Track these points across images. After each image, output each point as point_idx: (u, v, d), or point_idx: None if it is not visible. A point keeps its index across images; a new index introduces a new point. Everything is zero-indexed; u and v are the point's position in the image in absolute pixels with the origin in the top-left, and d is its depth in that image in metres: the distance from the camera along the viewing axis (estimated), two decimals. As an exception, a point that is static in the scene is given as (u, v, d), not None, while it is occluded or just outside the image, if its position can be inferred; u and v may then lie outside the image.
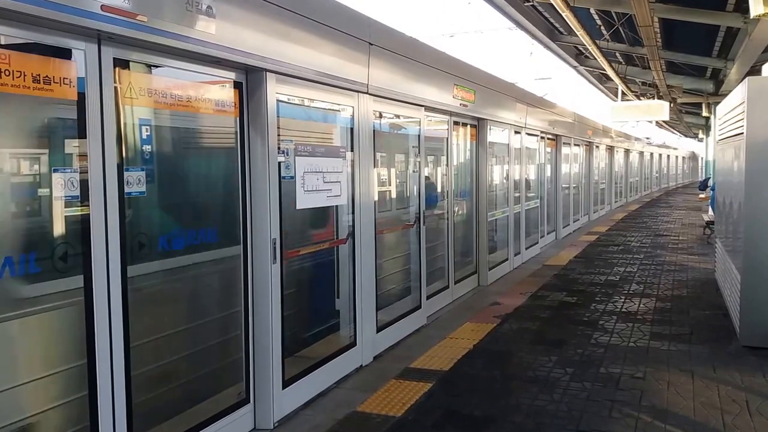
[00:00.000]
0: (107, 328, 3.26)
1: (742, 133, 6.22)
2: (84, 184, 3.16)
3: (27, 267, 2.98)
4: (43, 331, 3.36)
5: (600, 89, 25.30)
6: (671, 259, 11.36)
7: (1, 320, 3.11)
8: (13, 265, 2.91)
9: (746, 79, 6.28)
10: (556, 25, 16.05)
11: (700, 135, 35.79)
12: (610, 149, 23.40)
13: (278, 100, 4.47)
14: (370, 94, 5.72)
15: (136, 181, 3.46)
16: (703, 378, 5.23)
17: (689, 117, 30.78)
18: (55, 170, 3.13)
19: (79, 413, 3.29)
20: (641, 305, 7.78)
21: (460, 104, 8.01)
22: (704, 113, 22.01)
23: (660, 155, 41.91)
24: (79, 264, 3.17)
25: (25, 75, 2.88)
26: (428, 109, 7.16)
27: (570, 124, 15.92)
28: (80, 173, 3.16)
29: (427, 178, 7.53)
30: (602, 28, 14.89)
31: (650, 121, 27.16)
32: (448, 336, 6.49)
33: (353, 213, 5.56)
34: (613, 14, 13.59)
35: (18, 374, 3.17)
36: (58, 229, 3.19)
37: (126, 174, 3.38)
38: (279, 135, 4.49)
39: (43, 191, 3.19)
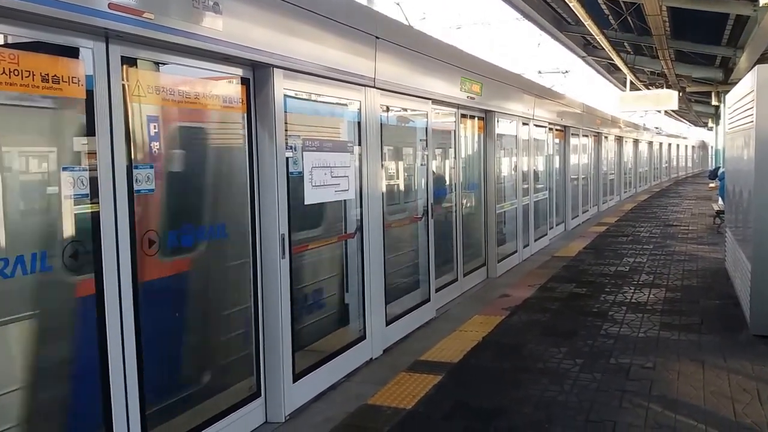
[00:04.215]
0: (119, 324, 3.29)
1: (752, 122, 6.18)
2: (93, 182, 3.19)
3: (39, 265, 3.00)
4: None
5: (608, 79, 25.17)
6: (681, 249, 11.31)
7: None
8: (24, 263, 2.94)
9: (756, 67, 6.23)
10: (564, 15, 15.97)
11: (710, 124, 35.56)
12: (619, 139, 23.28)
13: (285, 96, 4.48)
14: (377, 88, 5.73)
15: (145, 179, 3.49)
16: (713, 367, 5.22)
17: (698, 106, 30.58)
18: (65, 168, 3.16)
19: None
20: (651, 295, 7.76)
21: (468, 97, 8.00)
22: (713, 102, 21.86)
23: (669, 145, 41.64)
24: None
25: (33, 74, 2.91)
26: (435, 102, 7.15)
27: (578, 114, 15.85)
28: (89, 171, 3.19)
29: (434, 171, 7.53)
30: (610, 17, 14.80)
31: (659, 111, 26.99)
32: (457, 328, 6.50)
33: (361, 207, 5.57)
34: (621, 3, 13.50)
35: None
36: (68, 226, 3.22)
37: (135, 171, 3.41)
38: (287, 130, 4.51)
39: (52, 189, 3.22)
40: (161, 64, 3.64)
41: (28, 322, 3.13)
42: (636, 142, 27.67)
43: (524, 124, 11.03)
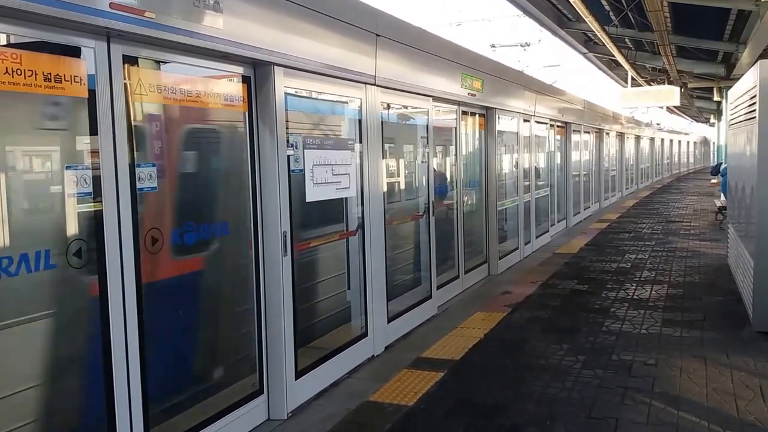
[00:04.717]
0: (122, 322, 3.30)
1: (755, 117, 6.18)
2: (96, 181, 3.19)
3: (42, 263, 3.01)
4: None
5: (610, 75, 25.11)
6: (683, 246, 11.31)
7: None
8: (29, 261, 2.95)
9: (758, 62, 6.21)
10: (564, 11, 15.94)
11: (712, 120, 35.49)
12: (621, 136, 23.25)
13: (286, 94, 4.49)
14: (378, 86, 5.73)
15: (148, 177, 3.50)
16: (715, 364, 5.22)
17: (700, 102, 30.51)
18: (68, 167, 3.16)
19: None
20: (653, 292, 7.76)
21: (468, 93, 7.99)
22: (715, 98, 21.79)
23: (671, 141, 41.59)
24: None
25: (36, 74, 2.92)
26: (436, 99, 7.15)
27: (579, 111, 15.83)
28: (92, 170, 3.20)
29: (435, 168, 7.52)
30: (611, 13, 14.77)
31: (661, 107, 26.94)
32: (458, 325, 6.51)
33: (362, 205, 5.58)
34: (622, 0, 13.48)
35: None
36: (71, 225, 3.23)
37: (138, 170, 3.42)
38: (287, 128, 4.51)
39: (55, 188, 3.23)
40: (163, 62, 3.65)
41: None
42: (637, 138, 27.63)
43: (525, 120, 11.01)
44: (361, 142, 5.56)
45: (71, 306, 3.32)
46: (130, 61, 3.37)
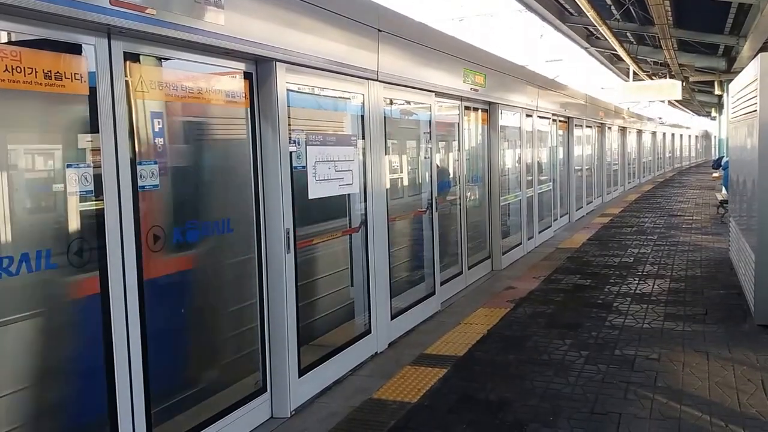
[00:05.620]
0: (124, 321, 3.29)
1: (755, 111, 6.16)
2: (97, 179, 3.19)
3: (43, 263, 3.00)
4: None
5: (611, 70, 25.07)
6: (685, 239, 11.30)
7: None
8: (30, 261, 2.94)
9: (759, 55, 6.20)
10: (566, 6, 15.91)
11: (713, 113, 35.44)
12: (623, 130, 23.21)
13: (288, 90, 4.48)
14: (380, 81, 5.71)
15: (150, 175, 3.49)
16: (717, 358, 5.22)
17: (702, 95, 30.49)
18: (69, 165, 3.16)
19: None
20: (655, 286, 7.76)
21: (471, 89, 7.98)
22: (717, 91, 21.77)
23: (672, 135, 41.52)
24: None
25: (36, 71, 2.91)
26: (439, 94, 7.13)
27: (582, 105, 15.80)
28: (93, 168, 3.19)
29: (438, 164, 7.51)
30: (612, 7, 14.74)
31: (662, 101, 26.90)
32: (462, 321, 6.51)
33: (365, 201, 5.57)
34: (624, -7, 13.44)
35: None
36: (73, 223, 3.22)
37: (139, 168, 3.41)
38: (290, 124, 4.50)
39: (57, 187, 3.22)
40: (164, 59, 3.64)
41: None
42: (639, 132, 27.59)
43: (528, 115, 11.00)
44: (363, 138, 5.54)
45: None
46: (132, 58, 3.36)
